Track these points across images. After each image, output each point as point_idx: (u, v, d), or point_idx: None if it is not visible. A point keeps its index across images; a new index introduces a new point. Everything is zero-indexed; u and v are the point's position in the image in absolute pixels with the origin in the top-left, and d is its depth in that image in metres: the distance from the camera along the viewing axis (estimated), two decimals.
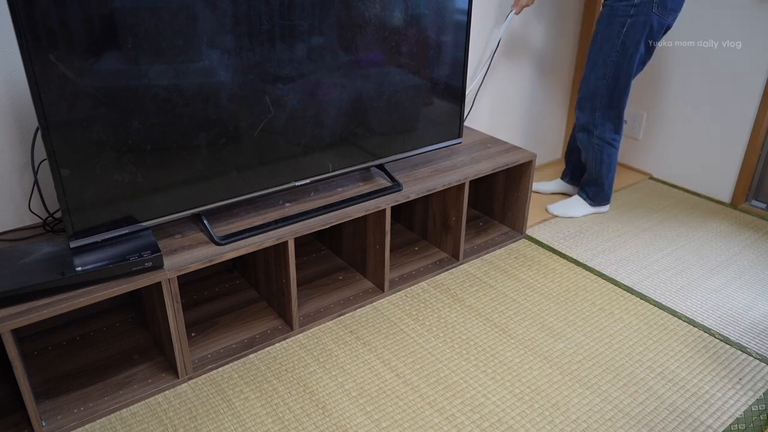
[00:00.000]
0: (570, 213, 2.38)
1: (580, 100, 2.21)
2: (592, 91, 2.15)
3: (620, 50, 2.04)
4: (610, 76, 2.10)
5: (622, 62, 2.07)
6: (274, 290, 1.76)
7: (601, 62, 2.09)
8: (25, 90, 1.51)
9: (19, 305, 1.27)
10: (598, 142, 2.23)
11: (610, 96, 2.13)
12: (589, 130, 2.22)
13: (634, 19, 1.98)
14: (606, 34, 2.05)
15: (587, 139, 2.25)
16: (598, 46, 2.09)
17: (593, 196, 2.37)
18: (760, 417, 1.48)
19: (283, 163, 1.62)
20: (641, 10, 1.97)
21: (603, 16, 2.07)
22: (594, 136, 2.22)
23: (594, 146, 2.24)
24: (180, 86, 1.37)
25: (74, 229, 1.35)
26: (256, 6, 1.41)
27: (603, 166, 2.27)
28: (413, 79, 1.78)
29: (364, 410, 1.48)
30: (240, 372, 1.59)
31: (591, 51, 2.12)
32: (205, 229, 1.56)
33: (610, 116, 2.18)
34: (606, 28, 2.05)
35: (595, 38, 2.10)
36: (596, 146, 2.24)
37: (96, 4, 1.21)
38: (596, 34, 2.10)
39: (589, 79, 2.15)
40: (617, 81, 2.10)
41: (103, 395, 1.49)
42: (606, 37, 2.06)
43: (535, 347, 1.70)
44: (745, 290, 1.97)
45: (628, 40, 2.02)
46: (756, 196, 2.53)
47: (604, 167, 2.27)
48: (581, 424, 1.45)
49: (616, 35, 2.03)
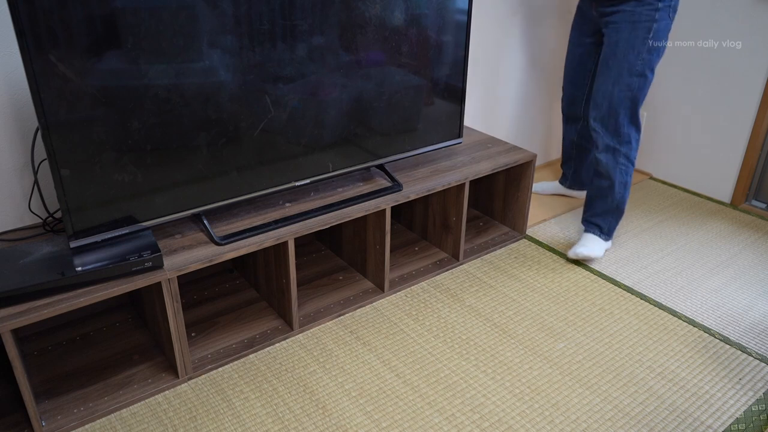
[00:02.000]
0: (596, 252, 2.08)
1: (599, 118, 1.98)
2: (616, 105, 1.94)
3: (646, 57, 1.88)
4: (635, 87, 1.91)
5: (647, 70, 1.91)
6: (274, 290, 1.76)
7: (626, 72, 1.90)
8: (25, 90, 1.51)
9: (19, 305, 1.27)
10: (625, 163, 2.01)
11: (635, 108, 1.95)
12: (615, 150, 1.99)
13: (658, 23, 1.85)
14: (630, 41, 1.87)
15: (613, 161, 2.01)
16: (622, 55, 1.89)
17: (609, 229, 2.12)
18: (760, 417, 1.48)
19: (283, 163, 1.62)
20: (663, 14, 1.85)
21: (622, 22, 1.88)
22: (621, 156, 2.00)
23: (621, 168, 2.01)
24: (180, 86, 1.37)
25: (74, 229, 1.35)
26: (257, 6, 1.41)
27: (627, 190, 2.06)
28: (413, 79, 1.78)
29: (364, 410, 1.48)
30: (240, 372, 1.59)
31: (611, 61, 1.92)
32: (205, 229, 1.56)
33: (633, 131, 1.99)
34: (630, 34, 1.87)
35: (615, 47, 1.90)
36: (623, 168, 2.01)
37: (96, 4, 1.21)
38: (616, 43, 1.90)
39: (611, 92, 1.93)
40: (642, 91, 1.93)
41: (103, 395, 1.49)
42: (630, 44, 1.87)
43: (535, 347, 1.70)
44: (745, 290, 1.97)
45: (654, 46, 1.88)
46: (756, 196, 2.53)
47: (626, 192, 2.06)
48: (581, 424, 1.45)
49: (642, 41, 1.86)
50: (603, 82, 1.95)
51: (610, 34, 1.92)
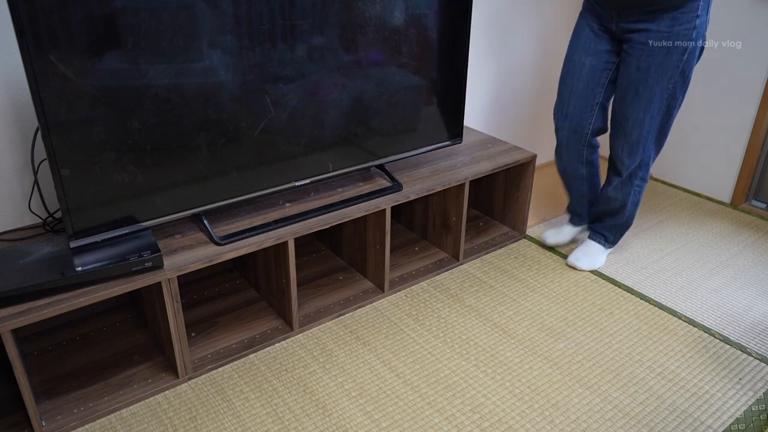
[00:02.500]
0: (597, 264, 2.06)
1: (627, 147, 1.83)
2: (646, 133, 1.79)
3: (679, 80, 1.70)
4: (664, 111, 1.76)
5: (678, 94, 1.74)
6: (274, 290, 1.76)
7: (657, 98, 1.72)
8: (25, 90, 1.51)
9: (19, 305, 1.27)
10: (640, 184, 1.92)
11: (661, 131, 1.81)
12: (633, 173, 1.89)
13: (694, 43, 1.65)
14: (665, 66, 1.67)
15: (629, 182, 1.91)
16: (654, 82, 1.70)
17: (615, 239, 2.07)
18: (760, 417, 1.48)
19: (283, 163, 1.62)
20: (699, 33, 1.65)
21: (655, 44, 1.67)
22: (637, 178, 1.90)
23: (636, 190, 1.93)
24: (180, 86, 1.37)
25: (74, 229, 1.35)
26: (257, 6, 1.41)
27: (637, 207, 1.99)
28: (413, 79, 1.78)
29: (364, 410, 1.48)
30: (240, 372, 1.59)
31: (642, 87, 1.72)
32: (205, 229, 1.56)
33: (654, 151, 1.87)
34: (664, 59, 1.66)
35: (647, 73, 1.70)
36: (637, 189, 1.93)
37: (96, 4, 1.21)
38: (648, 67, 1.69)
39: (643, 121, 1.76)
40: (670, 115, 1.78)
41: (103, 395, 1.49)
42: (664, 68, 1.68)
43: (535, 347, 1.70)
44: (745, 290, 1.97)
45: (688, 68, 1.69)
46: (756, 196, 2.53)
47: (636, 209, 2.00)
48: (581, 424, 1.45)
49: (675, 64, 1.67)
50: (634, 110, 1.77)
51: (640, 56, 1.70)
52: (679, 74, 1.69)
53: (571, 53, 1.86)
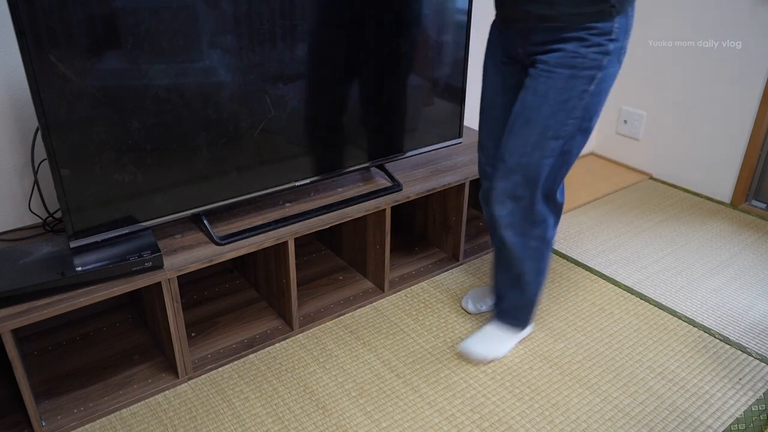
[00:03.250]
0: (496, 353, 1.65)
1: (509, 187, 1.43)
2: (533, 175, 1.41)
3: (582, 116, 1.37)
4: (558, 153, 1.40)
5: (579, 133, 1.40)
6: (274, 290, 1.76)
7: (551, 134, 1.37)
8: (25, 90, 1.51)
9: (19, 305, 1.27)
10: (539, 245, 1.51)
11: (555, 178, 1.45)
12: (525, 230, 1.49)
13: (605, 71, 1.34)
14: (564, 92, 1.34)
15: (522, 243, 1.50)
16: (549, 111, 1.36)
17: (525, 320, 1.66)
18: (760, 417, 1.48)
19: (283, 163, 1.62)
20: (613, 60, 1.34)
21: (558, 67, 1.34)
22: (533, 237, 1.50)
23: (532, 251, 1.52)
24: (180, 86, 1.37)
25: (74, 229, 1.35)
26: (257, 6, 1.41)
27: (542, 277, 1.58)
28: (413, 79, 1.78)
29: (364, 410, 1.48)
30: (240, 372, 1.59)
31: (534, 116, 1.37)
32: (205, 229, 1.56)
33: (552, 206, 1.50)
34: (566, 83, 1.33)
35: (543, 99, 1.36)
36: (535, 251, 1.52)
37: (96, 4, 1.21)
38: (545, 91, 1.35)
39: (530, 158, 1.39)
40: (569, 159, 1.42)
41: (103, 395, 1.49)
42: (564, 97, 1.34)
43: (535, 347, 1.70)
44: (745, 290, 1.97)
45: (594, 101, 1.36)
46: (756, 196, 2.53)
47: (542, 277, 1.59)
48: (581, 424, 1.45)
49: (578, 95, 1.34)
50: (519, 143, 1.40)
51: (539, 79, 1.36)
52: (582, 109, 1.36)
53: (483, 89, 1.58)
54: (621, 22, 1.32)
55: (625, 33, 1.34)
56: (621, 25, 1.32)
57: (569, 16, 1.30)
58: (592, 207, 2.50)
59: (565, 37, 1.32)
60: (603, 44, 1.32)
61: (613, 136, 2.90)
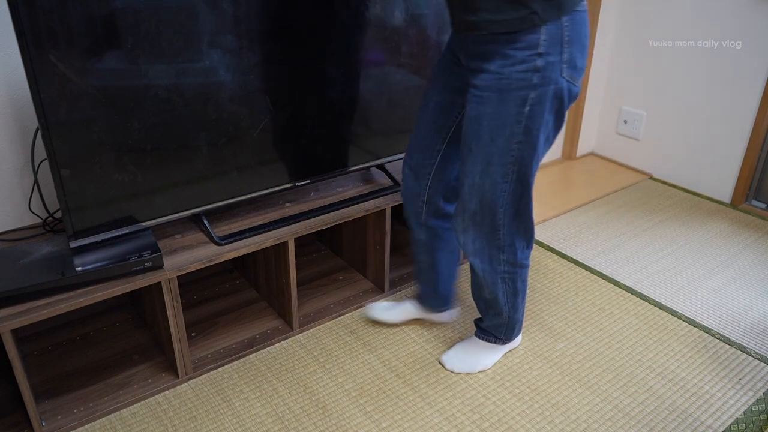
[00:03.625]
0: (479, 367, 1.62)
1: (468, 215, 1.39)
2: (489, 201, 1.35)
3: (524, 139, 1.28)
4: (514, 178, 1.33)
5: (527, 155, 1.30)
6: (274, 290, 1.76)
7: (496, 161, 1.30)
8: (25, 90, 1.51)
9: (19, 305, 1.27)
10: (509, 270, 1.46)
11: (518, 203, 1.37)
12: (492, 256, 1.44)
13: (540, 90, 1.24)
14: (499, 117, 1.27)
15: (490, 269, 1.46)
16: (488, 138, 1.29)
17: (507, 335, 1.61)
18: (760, 417, 1.48)
19: (283, 163, 1.62)
20: (547, 76, 1.23)
21: (487, 90, 1.26)
22: (501, 262, 1.44)
23: (503, 276, 1.47)
24: (180, 86, 1.37)
25: (74, 229, 1.35)
26: (257, 6, 1.41)
27: (518, 298, 1.53)
28: (413, 79, 1.78)
29: (364, 410, 1.48)
30: (240, 372, 1.59)
31: (474, 144, 1.31)
32: (205, 229, 1.56)
33: (519, 230, 1.41)
34: (497, 108, 1.26)
35: (478, 125, 1.29)
36: (507, 275, 1.47)
37: (96, 4, 1.21)
38: (478, 118, 1.29)
39: (482, 186, 1.34)
40: (524, 182, 1.34)
41: (103, 395, 1.49)
42: (499, 121, 1.27)
43: (535, 347, 1.70)
44: (745, 290, 1.97)
45: (533, 123, 1.26)
46: (756, 196, 2.53)
47: (519, 298, 1.53)
48: (581, 424, 1.45)
49: (515, 118, 1.26)
50: (469, 172, 1.35)
51: (471, 105, 1.30)
52: (523, 131, 1.27)
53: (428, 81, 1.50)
54: (551, 33, 1.20)
55: (558, 45, 1.21)
56: (551, 37, 1.20)
57: (491, 24, 1.21)
58: (592, 207, 2.50)
59: (490, 51, 1.24)
60: (529, 60, 1.21)
61: (613, 136, 2.91)
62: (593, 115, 2.91)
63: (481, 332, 1.63)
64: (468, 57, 1.30)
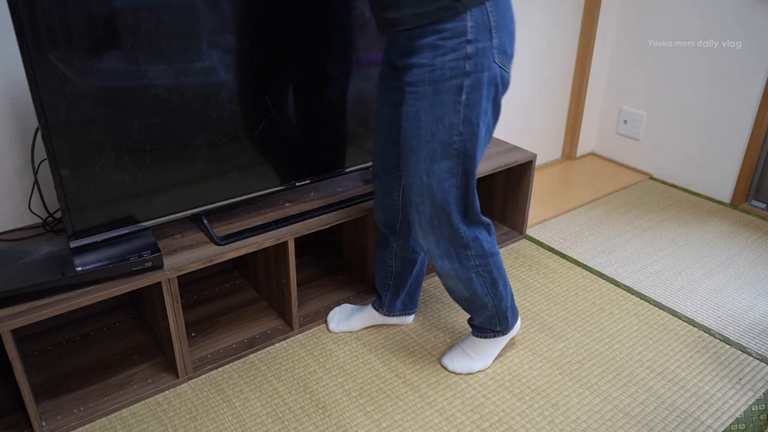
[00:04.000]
0: (479, 366, 1.61)
1: (425, 220, 1.37)
2: (440, 200, 1.33)
3: (465, 129, 1.26)
4: (460, 171, 1.31)
5: (471, 146, 1.29)
6: (274, 290, 1.76)
7: (440, 156, 1.28)
8: (25, 90, 1.51)
9: (19, 305, 1.27)
10: (481, 262, 1.44)
11: (466, 196, 1.35)
12: (459, 254, 1.42)
13: (474, 77, 1.22)
14: (435, 110, 1.25)
15: (461, 267, 1.43)
16: (428, 133, 1.27)
17: (502, 325, 1.58)
18: (760, 417, 1.48)
19: (283, 163, 1.62)
20: (479, 62, 1.22)
21: (420, 84, 1.25)
22: (470, 257, 1.42)
23: (477, 270, 1.45)
24: (180, 86, 1.37)
25: (74, 229, 1.35)
26: (256, 6, 1.41)
27: (499, 286, 1.50)
28: None
29: (364, 410, 1.48)
30: (240, 372, 1.59)
31: (414, 141, 1.29)
32: (205, 229, 1.56)
33: (473, 221, 1.40)
34: (433, 101, 1.24)
35: (417, 121, 1.27)
36: (480, 268, 1.45)
37: (96, 4, 1.21)
38: (415, 114, 1.27)
39: (429, 185, 1.31)
40: (469, 175, 1.33)
41: (103, 395, 1.49)
42: (437, 115, 1.25)
43: (535, 347, 1.70)
44: (745, 290, 1.97)
45: (472, 111, 1.25)
46: (756, 196, 2.53)
47: (500, 286, 1.50)
48: (581, 424, 1.45)
49: (453, 108, 1.24)
50: (414, 173, 1.32)
51: (408, 102, 1.28)
52: (462, 121, 1.25)
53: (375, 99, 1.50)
54: (477, 19, 1.19)
55: (486, 31, 1.21)
56: (477, 23, 1.20)
57: (415, 17, 1.20)
58: (592, 207, 2.50)
59: (419, 45, 1.23)
60: (458, 48, 1.20)
61: (613, 136, 2.91)
62: (593, 115, 2.91)
63: (477, 330, 1.61)
64: (399, 56, 1.29)
